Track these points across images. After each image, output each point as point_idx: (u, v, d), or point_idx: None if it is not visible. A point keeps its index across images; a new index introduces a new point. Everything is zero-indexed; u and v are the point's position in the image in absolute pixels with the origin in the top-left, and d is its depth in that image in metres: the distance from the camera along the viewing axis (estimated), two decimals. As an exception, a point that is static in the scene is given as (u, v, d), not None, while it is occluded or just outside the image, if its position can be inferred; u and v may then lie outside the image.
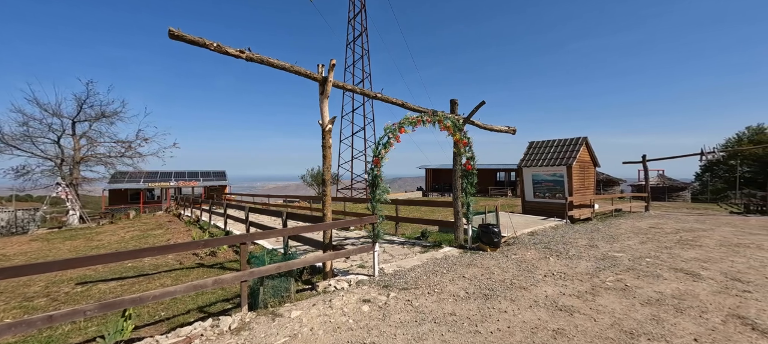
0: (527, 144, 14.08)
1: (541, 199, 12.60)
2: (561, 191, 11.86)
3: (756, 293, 4.39)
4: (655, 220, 11.89)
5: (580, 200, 11.76)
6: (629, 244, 7.40)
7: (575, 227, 9.74)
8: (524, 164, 13.15)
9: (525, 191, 13.19)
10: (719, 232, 9.13)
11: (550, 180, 12.25)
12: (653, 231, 9.16)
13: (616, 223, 10.86)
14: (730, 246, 7.18)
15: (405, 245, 8.23)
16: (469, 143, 7.09)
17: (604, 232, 9.02)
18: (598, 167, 13.28)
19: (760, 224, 11.25)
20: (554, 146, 12.76)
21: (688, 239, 7.99)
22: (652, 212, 14.81)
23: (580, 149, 11.89)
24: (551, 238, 8.17)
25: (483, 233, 7.06)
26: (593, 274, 5.31)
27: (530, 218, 11.54)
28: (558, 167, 11.87)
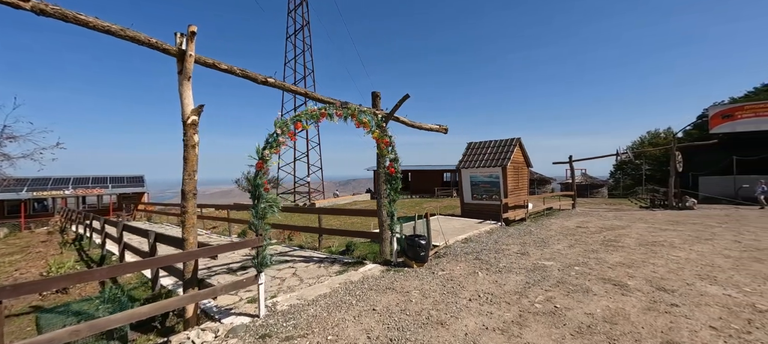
0: (466, 145, 13.80)
1: (479, 201, 12.31)
2: (497, 192, 11.65)
3: (683, 306, 4.00)
4: (581, 218, 12.31)
5: (514, 201, 11.67)
6: (559, 249, 7.07)
7: (509, 231, 9.41)
8: (463, 165, 12.78)
9: (463, 192, 12.83)
10: (636, 229, 9.49)
11: (486, 181, 12.00)
12: (580, 232, 9.18)
13: (548, 223, 10.89)
14: (647, 245, 7.23)
15: (323, 263, 6.94)
16: (391, 143, 6.08)
17: (536, 235, 8.76)
18: (531, 167, 13.48)
19: (665, 218, 12.27)
20: (490, 146, 12.59)
21: (611, 239, 8.00)
22: (578, 210, 15.62)
23: (513, 149, 11.82)
24: (484, 245, 7.57)
25: (409, 246, 6.09)
26: (522, 292, 4.61)
27: (467, 221, 11.09)
28: (494, 168, 11.65)
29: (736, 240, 7.73)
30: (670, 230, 9.16)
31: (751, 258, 6.08)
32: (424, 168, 35.97)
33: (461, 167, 12.72)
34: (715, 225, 10.21)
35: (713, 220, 11.63)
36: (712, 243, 7.34)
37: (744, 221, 11.30)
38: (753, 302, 4.09)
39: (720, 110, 16.76)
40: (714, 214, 13.67)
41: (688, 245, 7.21)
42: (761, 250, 6.73)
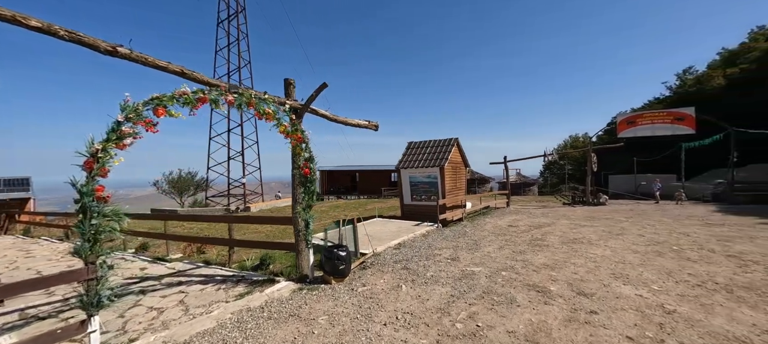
0: (406, 144, 13.43)
1: (418, 201, 11.98)
2: (436, 192, 11.42)
3: (601, 313, 3.81)
4: (513, 216, 12.74)
5: (452, 201, 11.58)
6: (489, 251, 6.85)
7: (445, 232, 9.13)
8: (402, 165, 12.35)
9: (403, 193, 12.41)
10: (559, 226, 9.94)
11: (425, 182, 11.71)
12: (511, 231, 9.27)
13: (483, 223, 10.96)
14: (569, 244, 7.42)
15: (226, 283, 5.73)
16: (304, 139, 5.15)
17: (470, 236, 8.58)
18: (469, 167, 13.63)
19: (584, 214, 13.35)
20: (429, 146, 12.37)
21: (538, 238, 8.11)
22: (511, 208, 16.37)
23: (451, 149, 11.73)
24: (417, 251, 7.06)
25: (326, 259, 5.23)
26: (445, 309, 4.07)
27: (405, 224, 10.62)
28: (432, 168, 11.41)
29: (640, 234, 8.41)
30: (588, 227, 9.76)
31: (654, 253, 6.48)
32: (372, 168, 35.49)
33: (401, 168, 12.29)
34: (623, 220, 11.26)
35: (621, 214, 12.94)
36: (622, 238, 7.83)
37: (644, 215, 12.74)
38: (662, 302, 4.08)
39: (625, 117, 19.15)
40: (621, 209, 15.35)
41: (603, 241, 7.57)
42: (660, 243, 7.31)
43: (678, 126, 17.22)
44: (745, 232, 8.51)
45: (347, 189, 37.13)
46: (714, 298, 4.19)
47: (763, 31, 37.88)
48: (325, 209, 20.07)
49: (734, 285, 4.66)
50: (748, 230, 8.87)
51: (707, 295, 4.29)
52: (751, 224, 9.97)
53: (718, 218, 11.21)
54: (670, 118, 17.65)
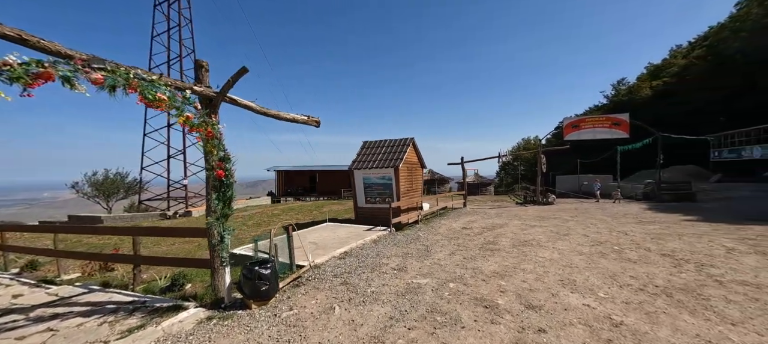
0: (361, 143, 12.74)
1: (372, 204, 11.36)
2: (390, 194, 10.89)
3: (549, 331, 3.43)
4: (469, 217, 12.66)
5: (408, 203, 11.13)
6: (439, 258, 6.41)
7: (397, 237, 8.59)
8: (356, 165, 11.64)
9: (357, 196, 11.71)
10: (511, 227, 9.93)
11: (380, 183, 11.13)
12: (464, 234, 9.01)
13: (438, 225, 10.65)
14: (520, 246, 7.27)
15: (117, 313, 4.56)
16: (216, 135, 4.22)
17: (422, 241, 8.13)
18: (426, 168, 13.32)
19: (535, 213, 13.74)
20: (384, 146, 11.82)
21: (490, 241, 7.89)
22: (468, 208, 16.46)
23: (407, 149, 11.28)
24: (363, 261, 6.39)
25: (245, 279, 4.34)
26: (380, 337, 3.43)
27: (356, 229, 9.92)
28: (386, 168, 10.85)
29: (584, 234, 8.60)
30: (538, 227, 9.86)
31: (598, 254, 6.51)
32: (332, 168, 34.31)
33: (354, 168, 11.57)
34: (569, 219, 11.67)
35: (567, 214, 13.50)
36: (568, 240, 7.89)
37: (587, 214, 13.42)
38: (609, 313, 3.84)
39: (570, 121, 20.41)
40: (567, 208, 16.16)
41: (551, 243, 7.55)
42: (602, 243, 7.44)
43: (615, 131, 18.67)
44: (674, 230, 9.11)
45: (306, 190, 35.51)
46: (656, 304, 4.07)
47: (680, 49, 43.37)
48: (277, 212, 18.67)
49: (672, 287, 4.65)
50: (675, 227, 9.53)
51: (650, 301, 4.16)
52: (676, 221, 10.82)
53: (649, 216, 12.07)
54: (608, 122, 19.08)
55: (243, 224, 14.98)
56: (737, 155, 26.13)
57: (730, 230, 8.87)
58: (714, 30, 36.67)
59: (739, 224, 9.83)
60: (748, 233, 8.27)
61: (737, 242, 7.37)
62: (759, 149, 23.86)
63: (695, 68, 35.51)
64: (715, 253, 6.45)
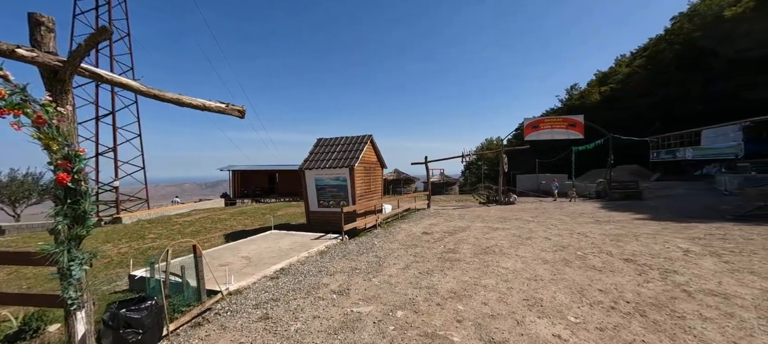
0: (315, 141, 11.52)
1: (325, 208, 10.22)
2: (345, 197, 9.83)
3: (515, 384, 2.62)
4: (431, 220, 12.00)
5: (365, 206, 10.15)
6: (391, 274, 5.50)
7: (349, 247, 7.57)
8: (307, 165, 10.41)
9: (309, 199, 10.50)
10: (474, 231, 9.36)
11: (333, 185, 10.02)
12: (424, 240, 8.23)
13: (397, 230, 9.79)
14: (482, 254, 6.60)
15: None
16: (48, 121, 2.88)
17: (376, 251, 7.18)
18: (385, 168, 12.43)
19: (497, 214, 13.46)
20: (340, 144, 10.73)
21: (450, 249, 7.15)
22: (431, 210, 15.89)
23: (364, 148, 10.28)
24: (300, 280, 5.28)
25: (105, 328, 3.05)
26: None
27: (304, 237, 8.73)
28: (341, 169, 9.77)
29: (546, 237, 8.21)
30: (500, 230, 9.39)
31: (562, 261, 6.00)
32: (294, 168, 32.37)
33: (305, 168, 10.33)
34: (530, 220, 11.44)
35: (528, 213, 13.40)
36: (531, 245, 7.40)
37: (547, 213, 13.40)
38: (583, 347, 3.14)
39: (530, 121, 20.79)
40: (528, 207, 16.23)
41: (514, 249, 6.99)
42: (565, 248, 7.03)
43: (571, 131, 19.26)
44: (628, 229, 9.09)
45: (265, 191, 33.19)
46: (632, 329, 3.47)
47: (624, 59, 47.09)
48: (224, 217, 16.77)
49: (644, 302, 4.14)
50: (629, 227, 9.56)
51: (625, 325, 3.56)
52: (629, 220, 10.99)
53: (603, 215, 12.25)
54: (565, 123, 19.64)
55: (179, 232, 13.07)
56: (672, 155, 28.58)
57: (678, 228, 9.03)
58: (652, 42, 40.17)
59: (683, 221, 10.15)
60: (695, 232, 8.41)
61: (689, 242, 7.34)
62: (691, 151, 26.18)
63: (637, 76, 38.61)
64: (674, 256, 6.25)
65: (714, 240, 7.50)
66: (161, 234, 12.77)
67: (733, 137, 22.02)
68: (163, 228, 14.22)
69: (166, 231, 13.48)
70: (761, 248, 6.67)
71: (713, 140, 23.97)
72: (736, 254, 6.26)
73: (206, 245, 10.47)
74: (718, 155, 23.29)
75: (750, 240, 7.45)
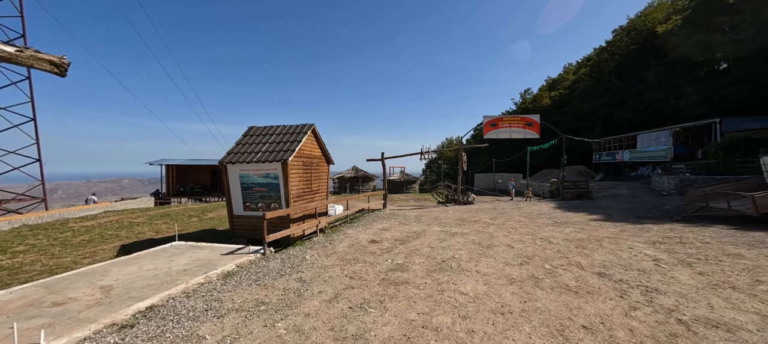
0: (246, 129, 9.45)
1: (252, 212, 8.29)
2: (278, 198, 8.00)
3: None
4: (384, 223, 10.62)
5: (303, 209, 8.40)
6: (308, 313, 3.92)
7: (270, 265, 5.82)
8: (230, 158, 8.36)
9: (232, 200, 8.47)
10: (430, 237, 8.13)
11: (263, 183, 8.13)
12: (369, 252, 6.77)
13: (341, 237, 8.22)
14: (436, 273, 5.30)
15: None
16: None
17: (304, 270, 5.55)
18: (332, 164, 10.75)
19: (455, 216, 12.52)
20: (273, 135, 8.85)
21: (399, 265, 5.76)
22: (387, 211, 14.57)
23: (302, 139, 8.51)
24: (163, 331, 3.48)
25: None
26: None
27: (213, 252, 6.77)
28: (272, 163, 7.91)
29: (508, 245, 7.22)
30: (458, 236, 8.28)
31: (531, 280, 4.91)
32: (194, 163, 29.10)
33: (227, 162, 8.28)
34: (489, 222, 10.58)
35: (487, 214, 12.66)
36: (493, 256, 6.30)
37: (505, 214, 12.77)
38: None
39: (489, 119, 20.54)
40: (486, 207, 15.66)
41: (475, 262, 5.80)
42: (531, 260, 6.03)
43: (528, 131, 19.25)
44: (589, 233, 8.53)
45: (206, 189, 29.46)
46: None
47: (571, 67, 50.33)
48: (139, 221, 13.79)
49: (643, 347, 3.06)
50: (588, 229, 9.06)
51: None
52: (586, 221, 10.63)
53: (560, 216, 11.87)
54: (523, 122, 19.60)
55: (63, 244, 10.16)
56: (612, 157, 30.62)
57: (635, 231, 8.69)
58: (596, 52, 43.18)
59: (636, 223, 9.99)
60: (652, 235, 8.06)
61: (652, 248, 6.80)
62: (628, 153, 28.14)
63: (582, 83, 41.23)
64: (646, 267, 5.53)
65: (674, 244, 7.08)
66: (35, 247, 9.76)
67: (664, 141, 23.89)
68: (45, 237, 11.06)
69: (45, 242, 10.43)
70: (722, 254, 6.27)
71: (647, 144, 25.90)
72: (703, 263, 5.72)
73: (86, 261, 7.97)
74: (651, 157, 25.18)
75: (706, 244, 7.14)
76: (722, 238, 7.63)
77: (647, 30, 33.32)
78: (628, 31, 37.17)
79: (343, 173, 33.23)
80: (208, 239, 8.63)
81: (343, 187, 31.71)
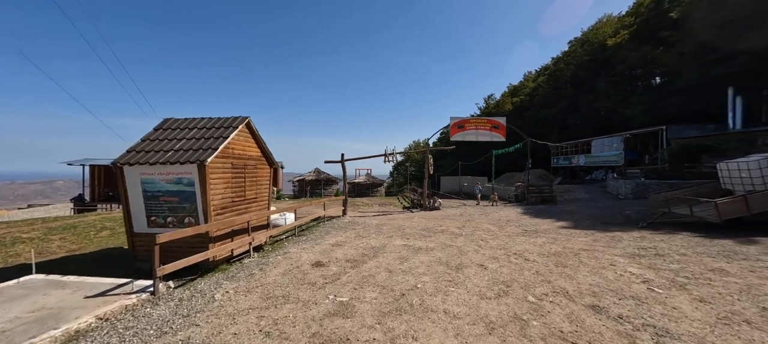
0: (160, 121, 7.42)
1: (161, 227, 6.34)
2: (193, 211, 6.15)
3: None
4: (340, 235, 9.12)
5: (230, 223, 6.62)
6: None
7: (155, 313, 4.07)
8: (128, 158, 6.33)
9: (132, 213, 6.43)
10: (389, 256, 6.79)
11: (173, 191, 6.23)
12: (307, 284, 5.25)
13: (277, 260, 6.57)
14: (390, 320, 3.95)
15: None
16: None
17: (201, 325, 3.88)
18: (275, 165, 8.99)
19: (421, 224, 11.35)
20: (195, 129, 6.95)
21: (341, 307, 4.32)
22: (346, 219, 13.05)
23: (230, 135, 6.71)
24: None
25: None
26: None
27: (81, 289, 4.81)
28: (185, 165, 6.06)
29: (481, 264, 6.10)
30: (422, 253, 7.03)
31: (514, 322, 3.74)
32: None
33: (123, 163, 6.25)
34: (457, 233, 9.54)
35: (454, 222, 11.67)
36: (464, 282, 5.09)
37: (473, 221, 11.89)
38: None
39: (456, 121, 19.92)
40: (453, 213, 14.77)
41: (441, 296, 4.54)
42: (509, 287, 4.92)
43: (495, 133, 18.87)
44: (563, 244, 7.78)
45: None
46: None
47: (531, 75, 52.50)
48: (28, 237, 10.83)
49: None
50: (561, 240, 8.34)
51: None
52: (555, 229, 10.02)
53: (529, 224, 11.22)
54: (489, 125, 19.19)
55: None
56: (569, 161, 31.84)
57: (607, 241, 8.13)
58: (553, 61, 45.31)
59: (605, 230, 9.55)
60: (625, 246, 7.50)
61: (635, 264, 6.09)
62: (583, 158, 29.33)
63: (541, 91, 42.96)
64: (638, 292, 4.66)
65: (653, 258, 6.46)
66: None
67: (616, 147, 25.03)
68: None
69: None
70: (706, 270, 5.69)
71: (601, 149, 27.09)
72: (694, 283, 5.02)
73: None
74: (604, 162, 26.33)
75: (684, 256, 6.61)
76: (695, 248, 7.21)
77: (599, 43, 35.36)
78: (582, 43, 39.33)
79: (304, 176, 31.02)
80: (99, 264, 6.51)
81: (303, 191, 29.54)
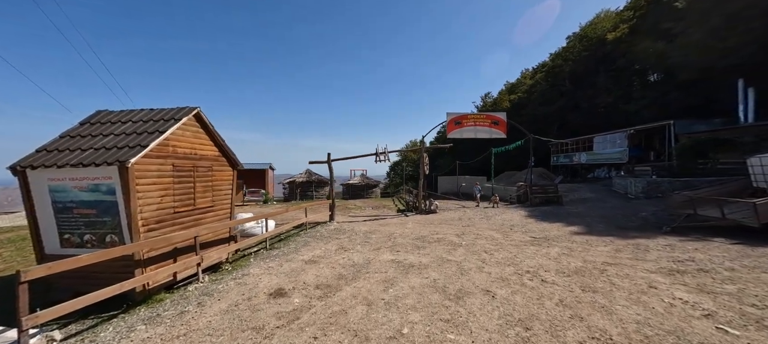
0: (91, 113, 6.02)
1: (76, 248, 4.95)
2: (115, 226, 4.78)
3: None
4: (318, 248, 7.78)
5: (169, 241, 5.24)
6: None
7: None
8: (32, 160, 4.94)
9: (41, 229, 5.05)
10: (371, 279, 5.45)
11: (89, 202, 4.86)
12: (251, 333, 3.91)
13: (229, 286, 5.20)
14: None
15: None
16: None
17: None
18: (239, 166, 7.60)
19: (415, 232, 10.03)
20: (129, 123, 5.56)
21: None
22: (332, 225, 11.70)
23: (168, 130, 5.33)
24: None
25: None
26: None
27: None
28: (103, 167, 4.69)
29: (487, 290, 4.79)
30: (414, 271, 5.70)
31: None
32: None
33: (26, 166, 4.86)
34: (457, 242, 8.22)
35: (453, 228, 10.38)
36: (467, 327, 3.77)
37: (473, 226, 10.61)
38: None
39: (453, 117, 18.67)
40: (451, 217, 13.48)
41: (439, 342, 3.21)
42: (529, 330, 3.62)
43: (494, 130, 17.63)
44: (582, 256, 6.50)
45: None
46: None
47: (528, 72, 51.46)
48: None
49: None
50: (578, 250, 7.07)
51: None
52: (566, 235, 8.77)
53: (536, 229, 9.96)
54: (489, 121, 17.95)
55: None
56: (570, 159, 30.70)
57: (632, 251, 6.87)
58: (551, 58, 44.27)
59: (624, 237, 8.31)
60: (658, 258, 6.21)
61: (681, 286, 4.80)
62: (585, 155, 28.21)
63: (539, 88, 41.87)
64: (708, 337, 3.37)
65: (699, 276, 5.18)
66: None
67: (620, 144, 23.89)
68: None
69: None
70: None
71: (603, 146, 25.95)
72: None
73: None
74: (607, 159, 25.19)
75: (735, 272, 5.36)
76: (741, 260, 5.96)
77: (598, 38, 34.32)
78: (581, 39, 38.29)
79: (295, 178, 29.59)
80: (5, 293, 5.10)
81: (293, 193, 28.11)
